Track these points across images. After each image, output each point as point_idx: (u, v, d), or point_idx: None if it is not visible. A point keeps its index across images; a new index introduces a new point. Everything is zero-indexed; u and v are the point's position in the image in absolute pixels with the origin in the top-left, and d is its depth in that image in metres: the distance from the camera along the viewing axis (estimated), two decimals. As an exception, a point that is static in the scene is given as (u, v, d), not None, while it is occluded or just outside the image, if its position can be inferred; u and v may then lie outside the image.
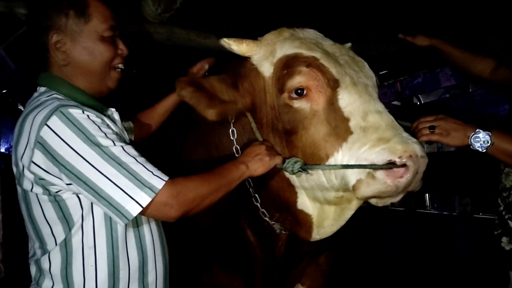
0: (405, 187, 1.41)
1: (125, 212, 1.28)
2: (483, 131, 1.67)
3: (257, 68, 1.73)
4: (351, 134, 1.48)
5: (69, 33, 1.46)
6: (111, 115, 1.57)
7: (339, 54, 1.69)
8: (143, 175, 1.30)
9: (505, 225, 2.03)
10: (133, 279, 1.45)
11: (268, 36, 1.77)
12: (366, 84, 1.60)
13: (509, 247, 2.01)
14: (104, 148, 1.29)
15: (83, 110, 1.33)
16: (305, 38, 1.73)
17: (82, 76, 1.50)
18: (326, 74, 1.56)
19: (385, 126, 1.45)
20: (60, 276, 1.38)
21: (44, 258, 1.40)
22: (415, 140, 1.44)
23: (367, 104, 1.52)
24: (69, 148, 1.27)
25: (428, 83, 4.19)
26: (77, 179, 1.28)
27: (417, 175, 1.41)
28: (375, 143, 1.42)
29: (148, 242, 1.50)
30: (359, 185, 1.43)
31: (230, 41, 1.73)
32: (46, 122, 1.28)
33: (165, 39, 2.23)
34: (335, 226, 1.71)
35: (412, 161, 1.37)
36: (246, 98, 1.75)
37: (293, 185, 1.71)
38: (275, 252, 2.04)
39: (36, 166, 1.31)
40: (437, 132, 1.67)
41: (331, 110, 1.55)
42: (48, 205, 1.37)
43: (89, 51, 1.48)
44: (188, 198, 1.35)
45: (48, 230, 1.39)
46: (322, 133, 1.55)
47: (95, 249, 1.38)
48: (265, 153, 1.62)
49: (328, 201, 1.64)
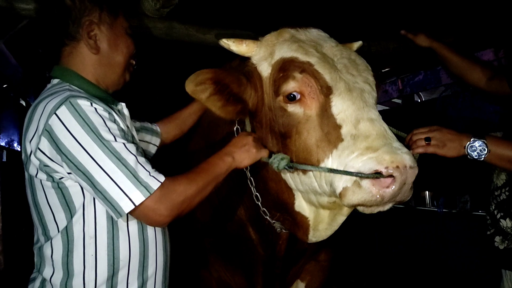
0: (391, 197, 1.39)
1: (118, 208, 1.31)
2: (478, 140, 1.67)
3: (256, 67, 1.74)
4: (342, 141, 1.48)
5: (101, 24, 1.56)
6: (121, 110, 1.62)
7: (339, 57, 1.67)
8: (140, 173, 1.32)
9: (497, 224, 2.03)
10: (133, 270, 1.47)
11: (268, 37, 1.77)
12: (362, 89, 1.59)
13: (503, 246, 2.01)
14: (106, 142, 1.32)
15: (92, 102, 1.37)
16: (305, 40, 1.71)
17: (106, 67, 1.58)
18: (320, 81, 1.56)
19: (376, 135, 1.44)
20: (60, 263, 1.41)
21: (46, 244, 1.43)
22: (405, 150, 1.42)
23: (360, 112, 1.51)
24: (73, 139, 1.31)
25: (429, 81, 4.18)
26: (76, 169, 1.32)
27: (404, 186, 1.39)
28: (363, 151, 1.41)
29: (150, 234, 1.52)
30: (345, 193, 1.43)
31: (229, 42, 1.74)
32: (55, 111, 1.32)
33: (164, 34, 2.23)
34: (329, 231, 1.73)
35: (399, 172, 1.35)
36: (253, 97, 1.76)
37: (291, 188, 1.72)
38: (276, 250, 2.06)
39: (42, 153, 1.35)
40: (433, 144, 1.66)
41: (324, 116, 1.54)
42: (51, 191, 1.40)
43: (118, 43, 1.60)
44: (177, 202, 1.36)
45: (51, 216, 1.42)
46: (314, 138, 1.55)
47: (95, 238, 1.41)
48: (252, 144, 1.63)
49: (322, 205, 1.65)
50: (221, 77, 1.65)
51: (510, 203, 1.97)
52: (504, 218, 1.99)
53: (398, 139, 1.48)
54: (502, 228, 1.99)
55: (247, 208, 2.01)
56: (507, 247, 1.99)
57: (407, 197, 1.46)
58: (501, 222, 2.00)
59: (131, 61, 1.67)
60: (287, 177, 1.69)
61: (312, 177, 1.57)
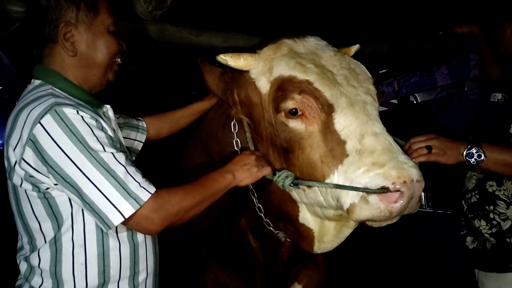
0: (399, 212, 1.39)
1: (107, 221, 1.28)
2: (475, 146, 1.73)
3: (254, 82, 1.71)
4: (347, 157, 1.47)
5: (79, 25, 1.47)
6: (106, 112, 1.56)
7: (339, 68, 1.65)
8: (129, 185, 1.29)
9: (469, 225, 2.09)
10: (124, 277, 1.44)
11: (266, 50, 1.74)
12: (365, 101, 1.57)
13: (472, 246, 2.09)
14: (93, 153, 1.28)
15: (78, 110, 1.32)
16: (303, 53, 1.69)
17: (86, 69, 1.51)
18: (320, 99, 1.54)
19: (381, 150, 1.43)
20: (49, 273, 1.38)
21: (33, 254, 1.40)
22: (412, 163, 1.41)
23: (364, 126, 1.50)
24: (59, 150, 1.26)
25: (424, 82, 4.19)
26: (63, 181, 1.28)
27: (412, 200, 1.39)
28: (370, 167, 1.40)
29: (140, 240, 1.49)
30: (353, 209, 1.42)
31: (226, 57, 1.71)
32: (40, 120, 1.27)
33: (157, 36, 2.22)
34: (335, 242, 1.73)
35: (407, 187, 1.35)
36: (243, 108, 1.76)
37: (295, 200, 1.70)
38: (277, 258, 2.06)
39: (26, 164, 1.31)
40: (434, 152, 1.69)
41: (327, 133, 1.53)
42: (37, 201, 1.36)
43: (97, 44, 1.50)
44: (171, 213, 1.34)
45: (37, 225, 1.38)
46: (318, 154, 1.54)
47: (85, 247, 1.38)
48: (254, 164, 1.60)
49: (328, 217, 1.64)
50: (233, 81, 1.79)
51: (480, 205, 2.04)
52: (474, 219, 2.06)
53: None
54: (475, 228, 2.06)
55: (247, 217, 2.00)
56: (476, 247, 2.07)
57: (415, 210, 1.46)
58: (473, 222, 2.06)
59: (115, 60, 1.59)
60: (291, 190, 1.67)
61: (318, 192, 1.56)
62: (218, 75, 1.87)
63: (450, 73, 3.86)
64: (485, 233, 2.01)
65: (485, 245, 2.03)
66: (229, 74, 1.82)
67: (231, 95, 1.79)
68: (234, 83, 1.78)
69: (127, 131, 1.91)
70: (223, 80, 1.85)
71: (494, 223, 1.99)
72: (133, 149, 1.93)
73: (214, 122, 2.07)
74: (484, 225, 2.01)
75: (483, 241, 2.04)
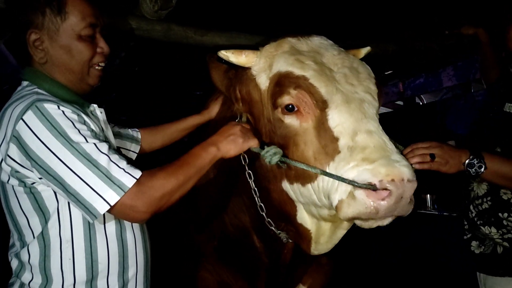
0: (387, 211, 1.35)
1: (92, 210, 1.28)
2: (476, 158, 1.74)
3: (255, 79, 1.72)
4: (339, 153, 1.46)
5: (46, 31, 1.43)
6: (93, 111, 1.56)
7: (340, 66, 1.64)
8: (113, 173, 1.29)
9: (476, 230, 2.08)
10: (113, 272, 1.45)
11: (268, 48, 1.74)
12: (362, 99, 1.56)
13: (479, 251, 2.08)
14: (75, 145, 1.28)
15: (59, 105, 1.33)
16: (306, 50, 1.68)
17: (61, 74, 1.49)
18: (315, 95, 1.54)
19: (373, 147, 1.41)
20: (38, 269, 1.39)
21: (23, 250, 1.41)
22: (404, 162, 1.38)
23: (358, 123, 1.48)
24: (41, 144, 1.28)
25: (430, 83, 4.18)
26: (47, 174, 1.29)
27: (402, 200, 1.35)
28: (359, 163, 1.38)
29: (129, 235, 1.49)
30: (341, 206, 1.41)
31: (228, 53, 1.71)
32: (22, 117, 1.29)
33: (163, 36, 2.23)
34: (330, 244, 1.73)
35: (395, 186, 1.31)
36: (244, 105, 1.77)
37: (292, 199, 1.70)
38: (280, 259, 2.05)
39: (11, 160, 1.32)
40: (437, 161, 1.69)
41: (321, 129, 1.53)
42: (24, 197, 1.38)
43: (67, 50, 1.46)
44: (155, 198, 1.32)
45: (25, 221, 1.39)
46: (311, 150, 1.54)
47: (72, 242, 1.38)
48: (239, 134, 1.57)
49: (323, 217, 1.64)
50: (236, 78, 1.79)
51: (492, 212, 2.01)
52: (483, 225, 2.03)
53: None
54: (484, 234, 2.03)
55: (251, 216, 2.00)
56: (483, 252, 2.05)
57: (407, 212, 1.42)
58: (482, 229, 2.04)
59: (96, 63, 1.53)
60: (288, 188, 1.67)
61: (311, 190, 1.56)
62: (223, 72, 1.88)
63: (456, 74, 3.85)
64: (496, 238, 1.99)
65: (495, 250, 2.00)
66: (233, 71, 1.83)
67: (233, 92, 1.80)
68: (236, 79, 1.79)
69: (122, 141, 1.91)
70: (227, 76, 1.86)
71: (508, 228, 1.95)
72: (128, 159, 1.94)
73: (220, 119, 2.08)
74: (495, 231, 1.98)
75: (491, 246, 2.02)
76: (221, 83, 1.88)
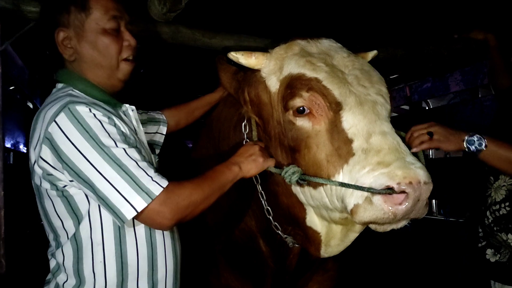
0: (404, 214, 1.34)
1: (120, 215, 1.29)
2: (477, 135, 1.71)
3: (265, 81, 1.70)
4: (353, 156, 1.43)
5: (72, 29, 1.46)
6: (126, 111, 1.58)
7: (351, 68, 1.62)
8: (141, 179, 1.29)
9: (491, 237, 2.04)
10: (142, 275, 1.45)
11: (278, 50, 1.72)
12: (375, 101, 1.54)
13: (494, 259, 2.04)
14: (105, 148, 1.29)
15: (91, 108, 1.34)
16: (315, 53, 1.67)
17: (91, 71, 1.50)
18: (328, 97, 1.52)
19: (388, 149, 1.39)
20: (72, 270, 1.40)
21: (58, 251, 1.43)
22: (419, 164, 1.36)
23: (372, 125, 1.46)
24: (72, 146, 1.29)
25: (437, 88, 4.16)
26: (77, 176, 1.30)
27: (419, 203, 1.33)
28: (375, 166, 1.36)
29: (158, 238, 1.49)
30: (357, 210, 1.38)
31: (238, 55, 1.70)
32: (55, 119, 1.30)
33: (171, 38, 2.23)
34: (341, 246, 1.70)
35: (412, 188, 1.29)
36: (253, 107, 1.75)
37: (302, 202, 1.68)
38: (286, 264, 2.03)
39: (44, 162, 1.33)
40: (436, 138, 1.68)
41: (334, 131, 1.50)
42: (57, 200, 1.39)
43: (93, 45, 1.48)
44: (182, 206, 1.34)
45: (60, 223, 1.41)
46: (324, 153, 1.51)
47: (103, 245, 1.39)
48: (259, 154, 1.61)
49: (334, 220, 1.61)
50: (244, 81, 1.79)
51: (510, 218, 1.98)
52: (500, 232, 2.00)
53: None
54: (501, 240, 1.99)
55: (258, 220, 1.98)
56: (499, 260, 2.02)
57: (422, 214, 1.40)
58: (498, 235, 2.00)
59: (125, 57, 1.54)
60: (298, 191, 1.65)
61: (323, 193, 1.53)
62: (231, 74, 1.87)
63: (463, 79, 3.83)
64: None
65: (511, 258, 1.97)
66: (242, 73, 1.82)
67: (242, 94, 1.78)
68: (245, 82, 1.77)
69: (149, 126, 1.95)
70: (235, 78, 1.85)
71: None
72: (156, 141, 2.01)
73: (227, 122, 2.07)
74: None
75: (508, 254, 1.98)
76: (230, 85, 1.87)
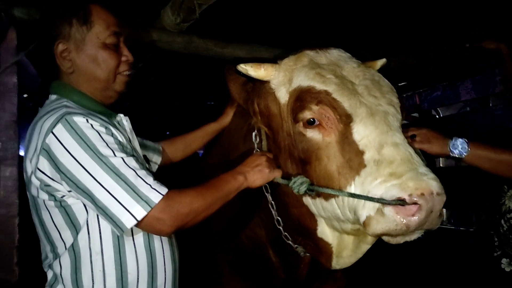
0: (417, 226, 1.33)
1: (120, 224, 1.30)
2: (460, 139, 1.75)
3: (274, 93, 1.71)
4: (364, 167, 1.43)
5: (73, 41, 1.48)
6: (120, 121, 1.59)
7: (361, 79, 1.62)
8: (140, 188, 1.30)
9: (507, 246, 2.03)
10: (142, 282, 1.45)
11: (287, 61, 1.73)
12: (386, 112, 1.54)
13: (510, 268, 2.04)
14: (103, 158, 1.30)
15: (88, 118, 1.35)
16: (325, 64, 1.67)
17: (88, 83, 1.52)
18: (338, 110, 1.52)
19: (400, 160, 1.38)
20: (70, 281, 1.40)
21: (55, 262, 1.42)
22: (432, 175, 1.35)
23: (384, 136, 1.46)
24: (70, 157, 1.30)
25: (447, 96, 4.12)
26: (76, 187, 1.31)
27: (432, 214, 1.32)
28: (387, 178, 1.36)
29: (157, 245, 1.50)
30: (369, 222, 1.38)
31: (247, 67, 1.71)
32: (52, 130, 1.31)
33: (183, 48, 2.25)
34: (353, 258, 1.69)
35: (425, 200, 1.28)
36: (263, 118, 1.75)
37: (313, 213, 1.68)
38: (297, 274, 2.02)
39: (41, 173, 1.34)
40: (418, 140, 1.73)
41: (345, 143, 1.50)
42: (55, 211, 1.39)
43: (93, 59, 1.50)
44: (182, 214, 1.34)
45: (57, 234, 1.41)
46: (335, 165, 1.51)
47: (102, 254, 1.40)
48: (265, 165, 1.61)
49: (346, 231, 1.61)
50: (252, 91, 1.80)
51: None
52: None
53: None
54: None
55: (267, 230, 1.98)
56: None
57: (436, 225, 1.39)
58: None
59: (121, 72, 1.57)
60: (309, 203, 1.65)
61: (335, 204, 1.53)
62: (241, 85, 1.88)
63: (474, 88, 3.79)
64: None
65: None
66: (251, 84, 1.83)
67: (251, 105, 1.79)
68: (254, 93, 1.78)
69: (144, 151, 1.92)
70: (245, 89, 1.86)
71: None
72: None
73: (236, 132, 2.07)
74: None
75: None
76: (239, 96, 1.88)
